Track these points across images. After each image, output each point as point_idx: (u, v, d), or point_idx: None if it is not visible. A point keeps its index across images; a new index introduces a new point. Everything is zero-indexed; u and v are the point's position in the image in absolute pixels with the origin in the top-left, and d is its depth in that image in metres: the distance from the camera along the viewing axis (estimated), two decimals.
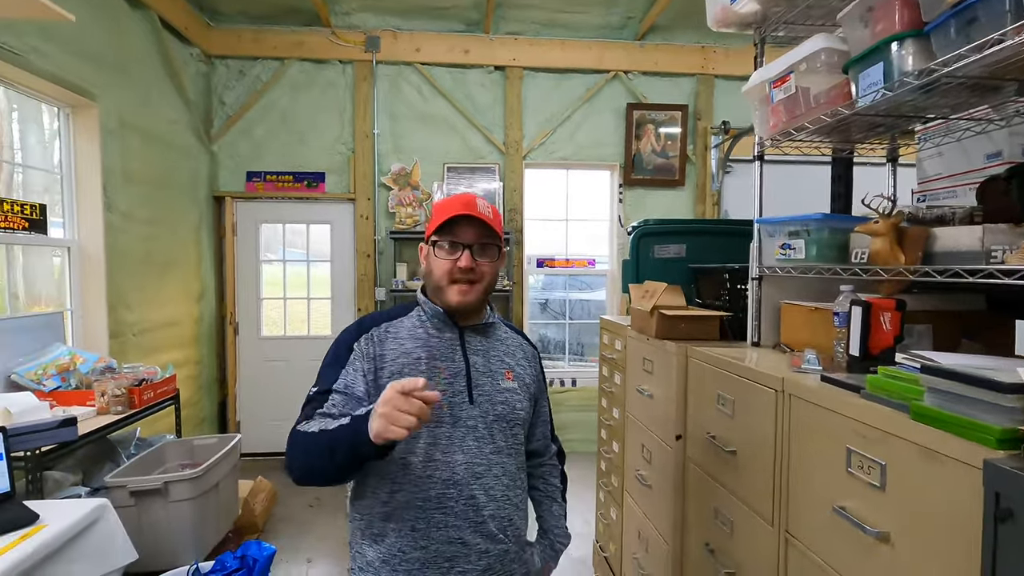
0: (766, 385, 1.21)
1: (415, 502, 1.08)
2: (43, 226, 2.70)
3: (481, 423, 1.12)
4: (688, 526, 1.61)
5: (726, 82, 4.52)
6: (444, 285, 1.13)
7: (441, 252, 1.12)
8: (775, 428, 1.18)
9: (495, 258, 1.15)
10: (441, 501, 1.08)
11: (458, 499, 1.08)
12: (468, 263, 1.10)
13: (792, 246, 1.32)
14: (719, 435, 1.41)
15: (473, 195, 1.16)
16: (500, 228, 1.15)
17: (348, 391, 1.10)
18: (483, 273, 1.13)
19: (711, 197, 4.48)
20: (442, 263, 1.12)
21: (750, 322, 1.61)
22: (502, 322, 1.29)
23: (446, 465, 1.09)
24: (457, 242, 1.11)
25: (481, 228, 1.12)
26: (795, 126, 1.39)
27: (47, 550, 1.62)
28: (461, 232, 1.11)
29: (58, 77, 2.64)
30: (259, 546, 2.17)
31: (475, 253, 1.11)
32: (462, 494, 1.09)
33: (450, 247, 1.12)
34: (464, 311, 1.16)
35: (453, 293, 1.12)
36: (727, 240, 2.09)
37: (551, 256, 4.55)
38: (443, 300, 1.14)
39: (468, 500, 1.09)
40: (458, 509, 1.08)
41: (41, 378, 2.44)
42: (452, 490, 1.08)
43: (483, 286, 1.14)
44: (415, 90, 4.30)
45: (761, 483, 1.23)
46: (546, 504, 1.31)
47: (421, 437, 1.09)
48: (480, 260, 1.12)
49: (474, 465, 1.10)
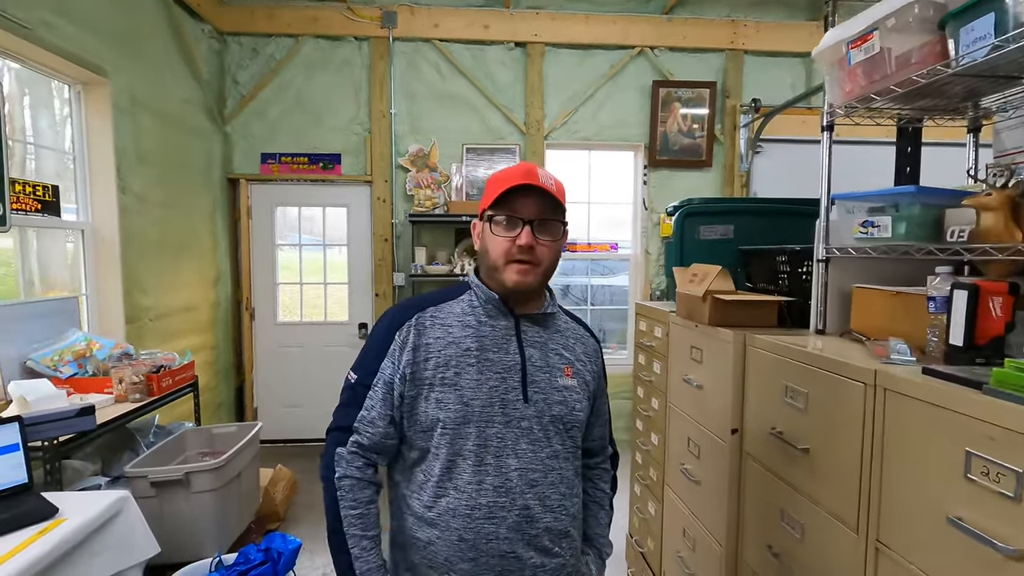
0: (852, 377, 1.09)
1: (462, 510, 0.97)
2: (56, 208, 2.62)
3: (536, 424, 1.01)
4: (745, 526, 1.51)
5: (757, 58, 4.32)
6: (501, 265, 1.01)
7: (498, 228, 1.00)
8: (863, 425, 1.06)
9: (558, 236, 1.03)
10: (492, 511, 0.97)
11: (511, 509, 0.98)
12: (528, 240, 0.98)
13: (875, 223, 1.19)
14: (787, 430, 1.30)
15: (534, 165, 1.03)
16: (564, 201, 1.02)
17: (388, 387, 1.02)
18: (543, 254, 1.01)
19: (739, 179, 4.31)
20: (499, 241, 1.00)
21: (815, 307, 1.49)
22: (562, 310, 1.17)
23: (498, 471, 0.98)
24: (516, 217, 0.99)
25: (543, 201, 0.99)
26: (877, 89, 1.25)
27: (68, 545, 1.55)
28: (521, 205, 0.99)
29: (69, 52, 2.53)
30: (284, 539, 2.10)
31: (536, 229, 0.99)
32: (515, 503, 0.98)
33: (508, 223, 0.99)
34: (522, 295, 1.04)
35: (511, 273, 1.00)
36: (777, 221, 1.95)
37: (572, 240, 4.42)
38: (499, 282, 1.02)
39: (522, 510, 0.98)
40: (511, 520, 0.98)
41: (57, 364, 2.36)
42: (504, 498, 0.98)
43: (543, 268, 1.02)
44: (433, 68, 4.15)
45: (843, 485, 1.11)
46: (593, 509, 1.19)
47: (470, 438, 0.98)
48: (541, 238, 1.00)
49: (528, 471, 0.99)
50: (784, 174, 4.27)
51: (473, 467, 0.98)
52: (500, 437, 0.99)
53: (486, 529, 0.97)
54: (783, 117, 4.14)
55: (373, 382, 1.02)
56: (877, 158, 1.69)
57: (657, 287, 4.37)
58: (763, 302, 1.57)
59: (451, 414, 0.98)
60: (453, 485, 0.98)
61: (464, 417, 0.98)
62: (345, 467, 1.01)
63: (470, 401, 0.98)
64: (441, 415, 0.98)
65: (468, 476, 0.98)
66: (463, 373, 1.00)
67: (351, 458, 1.01)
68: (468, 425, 0.98)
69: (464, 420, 0.98)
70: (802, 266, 1.61)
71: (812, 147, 4.27)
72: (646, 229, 4.37)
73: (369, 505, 1.01)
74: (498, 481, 0.98)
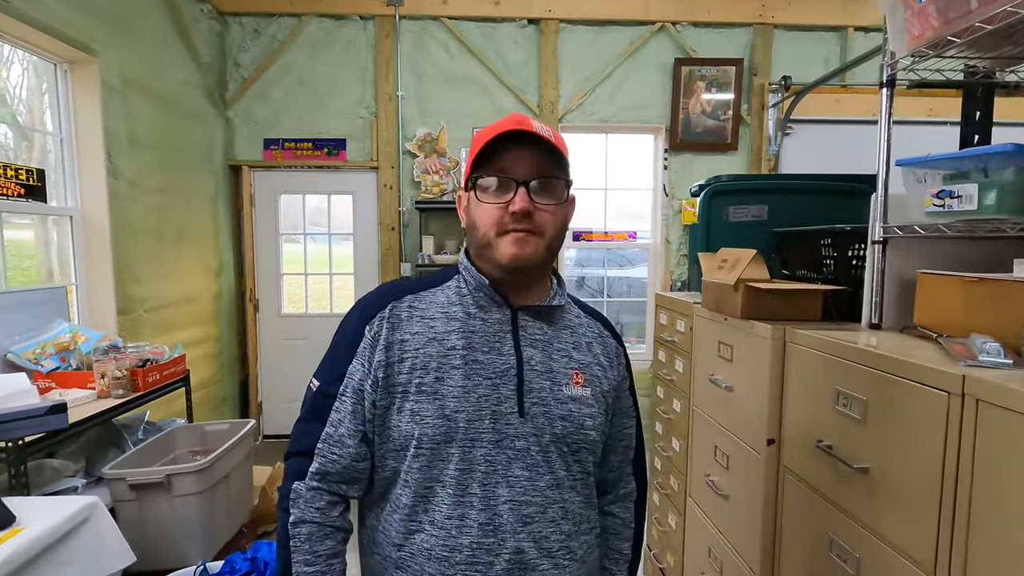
0: (930, 384, 0.87)
1: (439, 551, 0.77)
2: (42, 193, 2.49)
3: (534, 445, 0.81)
4: (783, 552, 1.29)
5: (787, 32, 4.03)
6: (492, 238, 0.80)
7: (485, 194, 0.80)
8: (945, 443, 0.84)
9: (562, 198, 0.82)
10: (475, 554, 0.77)
11: (499, 552, 0.77)
12: (524, 204, 0.77)
13: (956, 194, 0.96)
14: (839, 444, 1.08)
15: (526, 115, 0.82)
16: (567, 154, 0.82)
17: (358, 396, 0.82)
18: (544, 221, 0.80)
19: (767, 162, 4.04)
20: (487, 209, 0.80)
21: (868, 298, 1.26)
22: (573, 301, 0.95)
23: (485, 503, 0.78)
24: (507, 178, 0.78)
25: (540, 154, 0.79)
26: (958, 29, 1.01)
27: (24, 557, 1.40)
28: (512, 162, 0.78)
29: (52, 28, 2.39)
30: (271, 548, 1.95)
31: (533, 192, 0.79)
32: (505, 545, 0.78)
33: (498, 186, 0.79)
34: (523, 275, 0.83)
35: (505, 245, 0.79)
36: (817, 200, 1.72)
37: (588, 229, 4.20)
38: (492, 260, 0.82)
39: (514, 555, 0.78)
40: (499, 567, 0.77)
41: (39, 358, 2.24)
42: (491, 538, 0.77)
43: (546, 240, 0.81)
44: (441, 48, 3.94)
45: (916, 515, 0.90)
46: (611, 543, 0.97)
47: (452, 460, 0.78)
48: (540, 202, 0.79)
49: (522, 505, 0.79)
50: (816, 157, 3.98)
51: (454, 497, 0.78)
52: (489, 460, 0.79)
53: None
54: (815, 96, 3.86)
55: (340, 390, 0.83)
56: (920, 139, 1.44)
57: (678, 277, 4.13)
58: (806, 291, 1.34)
59: (429, 430, 0.78)
60: (429, 519, 0.78)
61: (445, 434, 0.78)
62: (303, 508, 0.81)
63: (453, 414, 0.78)
64: (417, 430, 0.78)
65: (447, 509, 0.78)
66: (445, 378, 0.80)
67: (311, 496, 0.81)
68: (450, 444, 0.78)
69: (445, 438, 0.78)
70: (852, 249, 1.38)
71: (847, 128, 4.03)
72: (666, 216, 4.13)
73: (331, 561, 0.82)
74: (484, 517, 0.78)
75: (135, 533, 1.96)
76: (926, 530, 0.88)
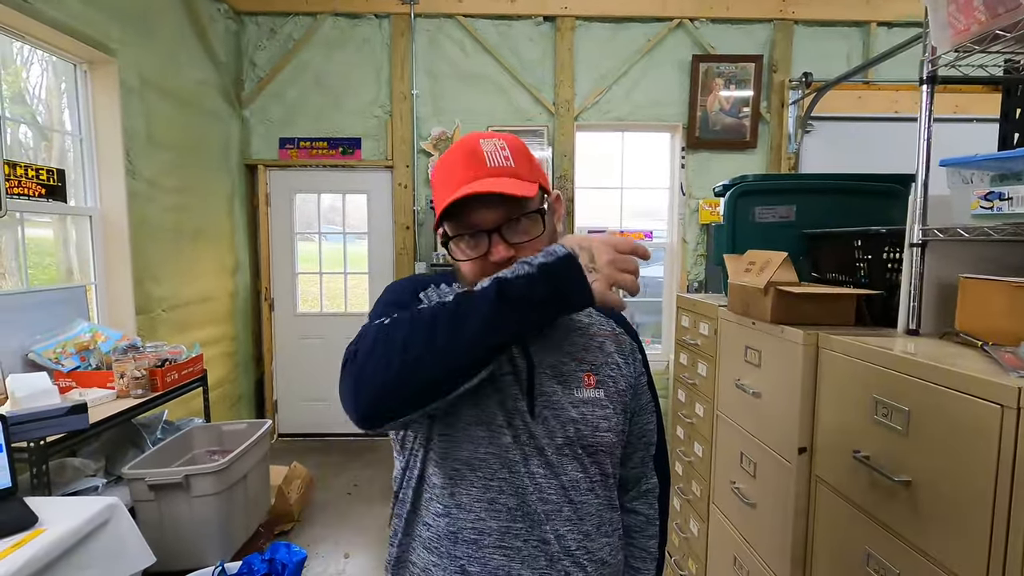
0: (981, 396, 0.83)
1: (467, 534, 0.76)
2: (63, 193, 2.50)
3: (548, 447, 0.78)
4: (815, 565, 1.26)
5: (808, 28, 3.96)
6: None
7: (460, 252, 0.78)
8: (998, 460, 0.80)
9: (539, 230, 0.78)
10: (503, 538, 0.76)
11: (527, 538, 0.76)
12: (503, 254, 0.75)
13: (1007, 195, 0.92)
14: (877, 456, 1.04)
15: (476, 140, 0.78)
16: (529, 173, 0.78)
17: None
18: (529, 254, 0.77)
19: (787, 160, 3.97)
20: (469, 266, 0.78)
21: (906, 302, 1.22)
22: None
23: (514, 489, 0.76)
24: (479, 230, 0.76)
25: (500, 199, 0.75)
26: (1007, 23, 0.97)
27: (46, 559, 1.41)
28: (477, 215, 0.75)
29: (71, 28, 2.40)
30: (288, 549, 1.94)
31: (506, 234, 0.76)
32: (532, 533, 0.76)
33: (470, 239, 0.77)
34: None
35: None
36: (848, 201, 1.67)
37: (604, 228, 4.15)
38: None
39: (541, 544, 0.76)
40: (526, 552, 0.76)
41: (60, 357, 2.25)
42: (520, 524, 0.76)
43: None
44: (456, 46, 3.92)
45: (964, 533, 0.86)
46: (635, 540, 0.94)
47: (482, 442, 0.77)
48: (518, 240, 0.76)
49: (542, 503, 0.77)
50: (838, 155, 3.91)
51: (484, 480, 0.77)
52: (511, 451, 0.77)
53: (495, 562, 0.75)
54: (837, 92, 3.78)
55: None
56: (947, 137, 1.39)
57: (695, 277, 4.08)
58: (839, 296, 1.30)
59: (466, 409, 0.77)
60: (456, 502, 0.77)
61: (477, 418, 0.77)
62: None
63: (481, 400, 0.77)
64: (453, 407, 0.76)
65: (477, 492, 0.76)
66: None
67: None
68: (480, 426, 0.77)
69: (478, 421, 0.77)
70: (886, 252, 1.34)
71: (870, 125, 3.94)
72: (683, 216, 4.08)
73: None
74: (514, 502, 0.76)
75: (154, 533, 1.97)
76: (975, 548, 0.84)
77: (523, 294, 0.64)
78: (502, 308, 0.64)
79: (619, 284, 0.66)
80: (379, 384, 0.65)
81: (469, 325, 0.64)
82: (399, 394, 0.65)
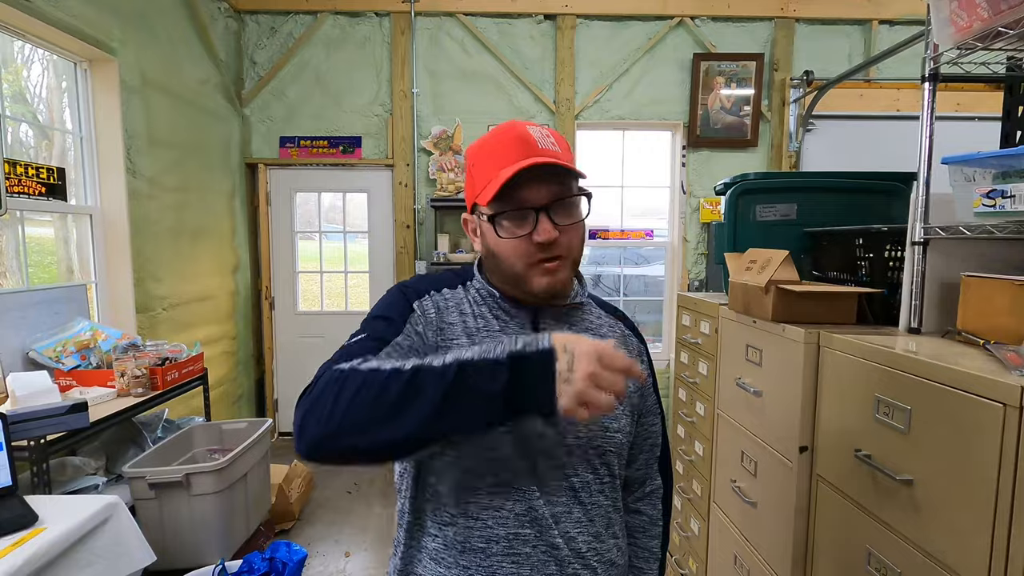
0: (983, 395, 0.83)
1: (475, 542, 0.76)
2: (63, 192, 2.50)
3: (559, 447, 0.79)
4: (816, 563, 1.25)
5: (809, 26, 3.95)
6: (521, 271, 0.77)
7: (504, 230, 0.76)
8: (1000, 459, 0.80)
9: (583, 214, 0.78)
10: (512, 545, 0.75)
11: (536, 544, 0.76)
12: (550, 234, 0.74)
13: (1009, 193, 0.91)
14: (879, 454, 1.04)
15: (523, 125, 0.78)
16: (573, 159, 0.79)
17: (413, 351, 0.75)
18: (570, 241, 0.77)
19: (788, 159, 3.96)
20: (510, 245, 0.76)
21: (907, 301, 1.22)
22: (594, 300, 0.93)
23: (520, 494, 0.76)
24: (527, 207, 0.75)
25: (555, 176, 0.75)
26: (1010, 20, 0.96)
27: (46, 557, 1.41)
28: (528, 192, 0.75)
29: (72, 27, 2.40)
30: (289, 548, 1.94)
31: (553, 215, 0.75)
32: (541, 538, 0.76)
33: (516, 218, 0.76)
34: (551, 297, 0.81)
35: (538, 278, 0.77)
36: (850, 199, 1.66)
37: (604, 227, 4.15)
38: (526, 289, 0.79)
39: (550, 549, 0.76)
40: (536, 559, 0.76)
41: (60, 356, 2.25)
42: (529, 530, 0.76)
43: (572, 258, 0.79)
44: (457, 44, 3.91)
45: (966, 531, 0.86)
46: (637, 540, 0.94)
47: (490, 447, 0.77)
48: (563, 223, 0.76)
49: (552, 504, 0.77)
50: (839, 154, 3.90)
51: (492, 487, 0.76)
52: None
53: (505, 570, 0.75)
54: (838, 91, 3.78)
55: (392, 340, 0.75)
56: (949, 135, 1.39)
57: (696, 276, 4.08)
58: (840, 294, 1.30)
59: None
60: (462, 511, 0.77)
61: None
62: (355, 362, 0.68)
63: None
64: None
65: (483, 499, 0.76)
66: None
67: None
68: None
69: None
70: (888, 250, 1.33)
71: (871, 124, 3.93)
72: (684, 215, 4.07)
73: None
74: (522, 507, 0.76)
75: (154, 532, 1.97)
76: (978, 547, 0.83)
77: (479, 385, 0.59)
78: (451, 397, 0.59)
79: (591, 403, 0.58)
80: (319, 435, 0.62)
81: (415, 408, 0.60)
82: (335, 449, 0.62)
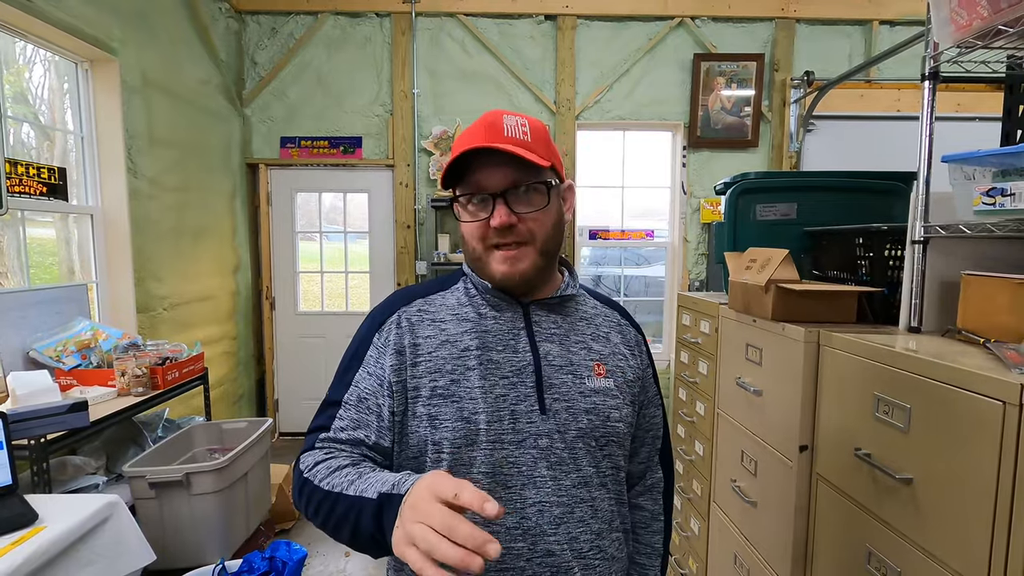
0: (984, 393, 0.82)
1: None
2: (64, 192, 2.50)
3: (558, 442, 0.78)
4: (816, 562, 1.25)
5: (809, 27, 3.95)
6: (481, 254, 0.79)
7: (464, 211, 0.79)
8: (999, 457, 0.80)
9: (543, 203, 0.78)
10: (506, 560, 0.75)
11: (531, 557, 0.75)
12: (504, 219, 0.75)
13: (1009, 191, 0.91)
14: (879, 453, 1.04)
15: (500, 113, 0.79)
16: (545, 152, 0.78)
17: (363, 402, 0.79)
18: (532, 229, 0.78)
19: (788, 160, 3.96)
20: (471, 228, 0.79)
21: (907, 300, 1.22)
22: (587, 292, 0.93)
23: (513, 507, 0.76)
24: (481, 192, 0.77)
25: (512, 162, 0.75)
26: (1010, 18, 0.96)
27: (46, 556, 1.41)
28: (484, 176, 0.76)
29: (73, 27, 2.40)
30: (289, 547, 1.94)
31: (512, 202, 0.76)
32: (536, 548, 0.75)
33: (477, 201, 0.77)
34: (518, 286, 0.81)
35: (495, 262, 0.79)
36: (851, 199, 1.66)
37: (605, 227, 4.15)
38: (486, 273, 0.81)
39: (545, 558, 0.75)
40: (531, 571, 0.75)
41: (60, 355, 2.25)
42: (521, 543, 0.75)
43: (537, 247, 0.79)
44: (458, 45, 3.92)
45: (966, 530, 0.86)
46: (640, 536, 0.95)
47: (476, 464, 0.76)
48: (522, 211, 0.77)
49: (551, 507, 0.76)
50: (839, 154, 3.90)
51: None
52: (512, 462, 0.76)
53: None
54: (839, 91, 3.78)
55: (342, 399, 0.81)
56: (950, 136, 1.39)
57: (696, 276, 4.07)
58: (840, 293, 1.30)
59: (448, 434, 0.76)
60: None
61: (465, 436, 0.76)
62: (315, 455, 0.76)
63: (472, 416, 0.76)
64: (435, 435, 0.76)
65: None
66: (461, 380, 0.78)
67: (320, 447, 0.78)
68: (472, 448, 0.76)
69: (466, 441, 0.76)
70: (888, 249, 1.33)
71: (871, 124, 3.93)
72: (684, 215, 4.07)
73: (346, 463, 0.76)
74: (513, 521, 0.75)
75: (154, 531, 1.97)
76: (977, 545, 0.83)
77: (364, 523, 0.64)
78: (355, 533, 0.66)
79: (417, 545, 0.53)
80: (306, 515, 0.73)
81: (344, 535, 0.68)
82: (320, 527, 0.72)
